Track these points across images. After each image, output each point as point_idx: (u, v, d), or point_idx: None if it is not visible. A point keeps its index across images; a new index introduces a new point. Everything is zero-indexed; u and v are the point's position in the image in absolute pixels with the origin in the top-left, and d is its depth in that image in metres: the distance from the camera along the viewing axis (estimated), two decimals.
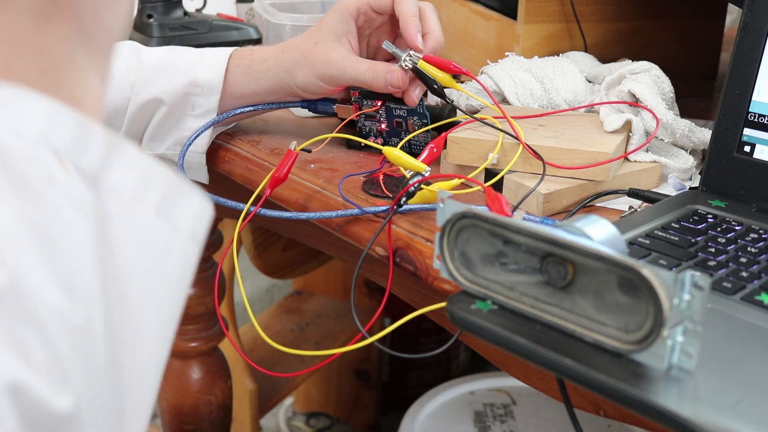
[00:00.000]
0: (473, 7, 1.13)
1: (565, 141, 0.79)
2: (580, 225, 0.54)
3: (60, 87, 0.45)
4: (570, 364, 0.51)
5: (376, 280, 0.85)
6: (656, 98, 0.84)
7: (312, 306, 1.84)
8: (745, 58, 0.77)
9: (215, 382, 1.24)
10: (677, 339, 0.49)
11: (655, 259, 0.65)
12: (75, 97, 0.45)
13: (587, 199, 0.78)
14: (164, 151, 0.90)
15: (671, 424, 0.47)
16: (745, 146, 0.77)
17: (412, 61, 0.83)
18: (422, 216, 0.75)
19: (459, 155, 0.81)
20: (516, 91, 0.92)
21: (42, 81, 0.44)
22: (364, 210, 0.76)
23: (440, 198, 0.57)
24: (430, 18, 0.85)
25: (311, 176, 0.84)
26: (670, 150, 0.85)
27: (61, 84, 0.45)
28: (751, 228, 0.71)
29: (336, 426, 1.90)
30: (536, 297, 0.54)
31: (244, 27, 1.13)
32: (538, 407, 1.52)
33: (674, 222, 0.71)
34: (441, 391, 1.56)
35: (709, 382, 0.50)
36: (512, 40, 1.04)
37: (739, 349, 0.55)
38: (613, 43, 1.07)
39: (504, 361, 0.74)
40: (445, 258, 0.58)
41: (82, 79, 0.46)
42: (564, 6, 1.03)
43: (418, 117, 0.87)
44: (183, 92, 0.87)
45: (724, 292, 0.61)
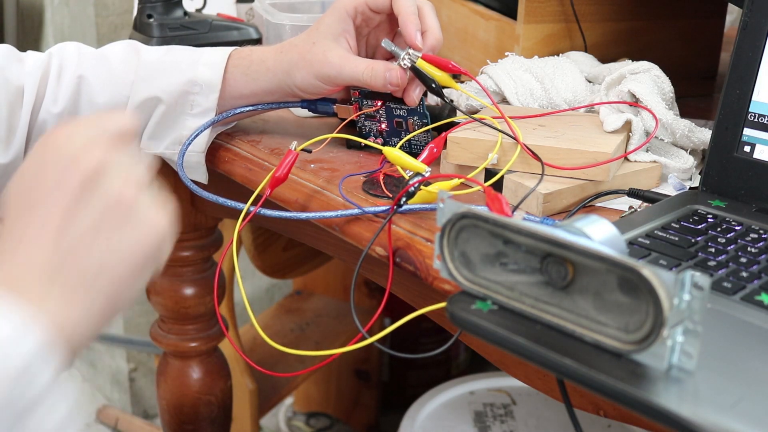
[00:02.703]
0: (473, 7, 1.13)
1: (565, 141, 0.79)
2: (580, 225, 0.54)
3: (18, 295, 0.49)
4: (570, 364, 0.51)
5: (376, 280, 0.85)
6: (656, 98, 0.84)
7: (312, 306, 1.84)
8: (745, 58, 0.77)
9: (215, 382, 1.24)
10: (677, 339, 0.49)
11: (655, 259, 0.65)
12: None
13: (587, 199, 0.78)
14: (163, 150, 0.90)
15: (671, 424, 0.47)
16: (745, 146, 0.77)
17: (411, 59, 0.83)
18: (422, 216, 0.75)
19: (459, 155, 0.81)
20: (516, 91, 0.92)
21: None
22: (364, 210, 0.76)
23: (440, 198, 0.57)
24: (429, 16, 0.85)
25: (311, 176, 0.84)
26: (670, 150, 0.85)
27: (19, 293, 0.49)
28: (751, 228, 0.71)
29: (336, 426, 1.90)
30: (536, 297, 0.54)
31: (244, 27, 1.13)
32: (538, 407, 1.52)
33: (674, 222, 0.71)
34: (441, 391, 1.56)
35: (709, 382, 0.50)
36: (512, 40, 1.04)
37: (739, 349, 0.55)
38: (613, 43, 1.07)
39: (504, 361, 0.74)
40: (445, 258, 0.58)
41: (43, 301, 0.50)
42: (564, 6, 1.03)
43: (418, 117, 0.87)
44: (182, 91, 0.87)
45: (724, 292, 0.61)
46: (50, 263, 0.50)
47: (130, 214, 0.52)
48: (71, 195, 0.51)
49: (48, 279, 0.50)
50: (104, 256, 0.51)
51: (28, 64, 0.86)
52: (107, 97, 0.87)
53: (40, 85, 0.85)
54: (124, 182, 0.52)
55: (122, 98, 0.87)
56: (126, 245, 0.52)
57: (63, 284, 0.50)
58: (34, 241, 0.51)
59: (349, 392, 1.91)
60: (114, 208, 0.52)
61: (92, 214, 0.51)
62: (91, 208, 0.51)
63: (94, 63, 0.88)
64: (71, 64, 0.87)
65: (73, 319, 0.50)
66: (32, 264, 0.50)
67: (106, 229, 0.51)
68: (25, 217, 0.51)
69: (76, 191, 0.51)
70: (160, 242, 0.53)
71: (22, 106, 0.85)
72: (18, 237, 0.51)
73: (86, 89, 0.87)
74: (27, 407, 0.47)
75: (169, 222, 0.54)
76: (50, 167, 0.52)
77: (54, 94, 0.86)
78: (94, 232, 0.51)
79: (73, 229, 0.51)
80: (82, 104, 0.87)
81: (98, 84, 0.87)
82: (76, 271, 0.51)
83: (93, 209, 0.51)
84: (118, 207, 0.52)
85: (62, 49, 0.88)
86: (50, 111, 0.86)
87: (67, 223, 0.51)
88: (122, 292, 0.52)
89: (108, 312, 0.52)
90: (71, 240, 0.51)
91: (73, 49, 0.88)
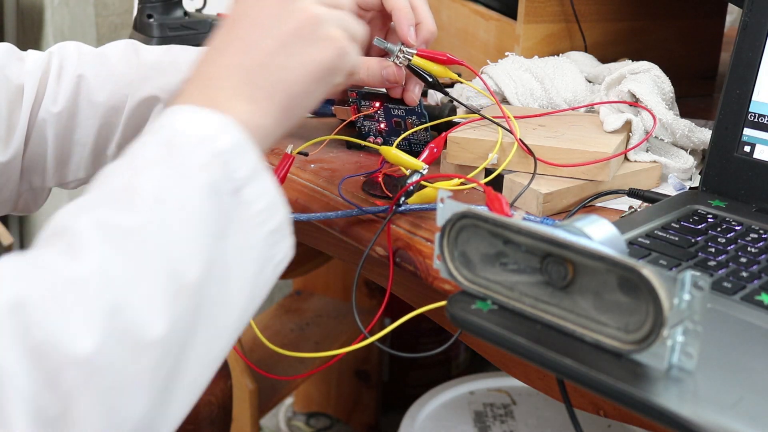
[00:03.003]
0: (473, 7, 1.13)
1: (565, 141, 0.79)
2: (580, 225, 0.54)
3: (214, 105, 0.58)
4: (570, 364, 0.51)
5: (376, 280, 0.85)
6: (656, 98, 0.84)
7: (312, 306, 1.84)
8: (745, 58, 0.77)
9: (215, 382, 1.24)
10: (677, 339, 0.49)
11: (655, 259, 0.65)
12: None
13: (587, 199, 0.78)
14: None
15: (671, 424, 0.47)
16: (745, 146, 0.77)
17: (406, 57, 0.82)
18: (422, 216, 0.75)
19: (459, 155, 0.81)
20: (516, 91, 0.92)
21: (199, 98, 0.59)
22: (364, 210, 0.76)
23: (440, 198, 0.57)
24: (421, 8, 0.84)
25: (311, 176, 0.84)
26: (670, 150, 0.85)
27: (215, 104, 0.58)
28: (751, 228, 0.71)
29: (336, 426, 1.90)
30: (536, 297, 0.54)
31: None
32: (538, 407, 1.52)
33: (674, 222, 0.71)
34: (441, 391, 1.56)
35: (709, 382, 0.50)
36: (512, 40, 1.04)
37: (739, 349, 0.55)
38: (613, 43, 1.07)
39: (504, 361, 0.74)
40: (445, 258, 0.58)
41: (232, 106, 0.59)
42: (564, 6, 1.03)
43: (416, 117, 0.87)
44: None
45: (724, 292, 0.61)
46: (242, 69, 0.60)
47: (315, 31, 0.61)
48: (266, 11, 0.62)
49: (238, 83, 0.60)
50: (286, 70, 0.61)
51: (28, 63, 0.86)
52: (106, 96, 0.87)
53: (40, 84, 0.85)
54: (315, 5, 0.62)
55: (121, 97, 0.87)
56: (307, 60, 0.61)
57: (251, 90, 0.60)
58: (231, 49, 0.61)
59: (349, 392, 1.91)
60: (302, 25, 0.61)
61: (283, 29, 0.61)
62: (282, 24, 0.61)
63: (94, 62, 0.88)
64: (71, 64, 0.87)
65: (256, 123, 0.59)
66: (227, 68, 0.60)
67: (291, 44, 0.61)
68: (228, 28, 0.63)
69: (273, 8, 0.62)
70: (339, 60, 0.62)
71: (21, 105, 0.85)
72: (219, 45, 0.62)
73: (85, 88, 0.87)
74: (238, 187, 0.55)
75: (351, 41, 0.63)
76: None
77: (54, 94, 0.86)
78: (281, 47, 0.61)
79: (264, 42, 0.61)
80: (82, 103, 0.87)
81: (97, 83, 0.87)
82: (262, 80, 0.60)
83: (284, 26, 0.61)
84: (306, 24, 0.61)
85: (62, 48, 0.88)
86: (50, 110, 0.86)
87: (260, 36, 0.61)
88: (298, 103, 0.62)
89: (284, 120, 0.61)
90: (261, 52, 0.60)
91: (73, 49, 0.88)
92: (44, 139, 0.86)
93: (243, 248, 0.56)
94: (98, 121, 0.87)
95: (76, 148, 0.88)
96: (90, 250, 0.50)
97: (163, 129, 0.57)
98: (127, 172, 0.54)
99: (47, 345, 0.46)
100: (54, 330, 0.47)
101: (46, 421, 0.46)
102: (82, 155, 0.88)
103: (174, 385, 0.51)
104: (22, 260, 0.50)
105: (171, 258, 0.51)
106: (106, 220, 0.51)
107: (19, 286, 0.48)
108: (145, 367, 0.49)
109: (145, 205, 0.52)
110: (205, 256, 0.53)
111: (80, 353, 0.46)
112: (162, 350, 0.50)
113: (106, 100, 0.87)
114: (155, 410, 0.50)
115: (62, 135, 0.87)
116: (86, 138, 0.88)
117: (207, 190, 0.54)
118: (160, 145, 0.55)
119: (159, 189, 0.53)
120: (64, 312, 0.47)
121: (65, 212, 0.53)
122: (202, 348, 0.53)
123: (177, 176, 0.54)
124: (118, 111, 0.87)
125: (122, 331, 0.48)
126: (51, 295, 0.48)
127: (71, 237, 0.50)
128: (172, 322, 0.50)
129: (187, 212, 0.53)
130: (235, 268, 0.55)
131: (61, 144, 0.87)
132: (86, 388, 0.47)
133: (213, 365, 0.55)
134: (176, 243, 0.52)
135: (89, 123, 0.87)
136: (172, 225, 0.52)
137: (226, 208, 0.55)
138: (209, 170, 0.54)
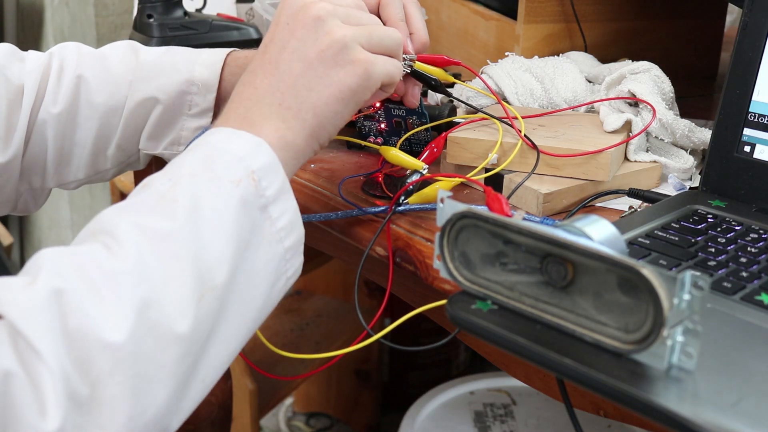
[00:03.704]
0: (473, 7, 1.13)
1: (565, 141, 0.79)
2: (580, 225, 0.54)
3: (249, 127, 0.63)
4: (570, 364, 0.51)
5: (376, 280, 0.85)
6: (656, 98, 0.84)
7: (312, 306, 1.84)
8: (745, 58, 0.77)
9: None
10: (677, 339, 0.49)
11: (655, 259, 0.65)
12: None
13: (587, 199, 0.78)
14: (162, 150, 0.89)
15: (671, 424, 0.47)
16: (745, 146, 0.77)
17: (408, 64, 0.83)
18: (422, 216, 0.75)
19: (459, 155, 0.81)
20: (516, 91, 0.92)
21: (236, 119, 0.64)
22: (364, 210, 0.76)
23: (440, 198, 0.57)
24: (414, 17, 0.84)
25: (311, 176, 0.84)
26: (670, 150, 0.85)
27: (249, 125, 0.63)
28: (751, 228, 0.71)
29: (336, 426, 1.90)
30: (536, 297, 0.54)
31: (244, 27, 1.13)
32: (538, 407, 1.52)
33: (674, 222, 0.71)
34: (441, 391, 1.56)
35: (709, 382, 0.50)
36: (512, 40, 1.04)
37: (739, 349, 0.55)
38: (613, 43, 1.07)
39: (504, 361, 0.74)
40: (445, 258, 0.58)
41: (265, 126, 0.64)
42: (564, 6, 1.03)
43: (417, 117, 0.87)
44: (179, 91, 0.87)
45: (724, 292, 0.61)
46: (274, 91, 0.64)
47: (340, 54, 0.65)
48: (296, 36, 0.65)
49: (271, 104, 0.64)
50: (313, 92, 0.65)
51: (28, 64, 0.86)
52: (105, 97, 0.87)
53: (41, 85, 0.86)
54: (342, 28, 0.65)
55: (120, 98, 0.87)
56: (332, 83, 0.65)
57: (282, 111, 0.64)
58: (264, 72, 0.65)
59: (349, 392, 1.91)
60: (326, 48, 0.65)
61: (309, 53, 0.65)
62: (309, 48, 0.65)
63: (93, 63, 0.88)
64: (71, 65, 0.87)
65: (287, 141, 0.64)
66: (261, 90, 0.65)
67: (316, 67, 0.65)
68: (262, 52, 0.67)
69: (300, 32, 0.65)
70: (363, 81, 0.66)
71: (21, 106, 0.85)
72: (253, 68, 0.66)
73: (85, 89, 0.87)
74: (266, 204, 0.60)
75: (378, 58, 0.67)
76: (284, 11, 0.67)
77: (54, 94, 0.86)
78: (308, 70, 0.65)
79: (293, 65, 0.65)
80: (81, 104, 0.87)
81: (96, 84, 0.87)
82: (291, 102, 0.64)
83: (311, 49, 0.65)
84: (330, 48, 0.65)
85: (63, 49, 0.89)
86: (50, 111, 0.86)
87: (289, 59, 0.65)
88: (327, 123, 0.66)
89: (314, 140, 0.66)
90: (291, 75, 0.65)
91: (73, 49, 0.89)
92: (44, 139, 0.86)
93: (264, 260, 0.61)
94: (97, 122, 0.87)
95: (75, 148, 0.88)
96: (128, 248, 0.54)
97: (202, 146, 0.62)
98: (168, 182, 0.59)
99: (82, 331, 0.50)
100: (89, 317, 0.50)
101: (77, 403, 0.49)
102: (81, 156, 0.89)
103: (191, 380, 0.55)
104: (64, 252, 0.54)
105: (201, 262, 0.56)
106: (145, 224, 0.55)
107: (60, 276, 0.51)
108: (170, 359, 0.53)
109: (181, 212, 0.57)
110: (231, 264, 0.57)
111: (112, 340, 0.50)
112: (186, 345, 0.54)
113: (105, 100, 0.87)
114: (174, 401, 0.54)
115: (62, 135, 0.87)
116: (86, 138, 0.88)
117: (239, 203, 0.59)
118: (199, 161, 0.60)
119: (195, 199, 0.58)
120: (99, 302, 0.51)
121: (107, 214, 0.57)
122: (219, 347, 0.57)
123: (212, 189, 0.58)
124: (117, 112, 0.87)
125: (152, 324, 0.52)
126: (89, 286, 0.52)
127: (112, 236, 0.55)
128: (197, 321, 0.55)
129: (219, 222, 0.58)
130: (255, 277, 0.60)
131: (60, 144, 0.87)
132: (116, 373, 0.50)
133: (224, 366, 0.59)
134: (207, 249, 0.57)
135: (89, 124, 0.87)
136: (204, 232, 0.57)
137: (254, 221, 0.60)
138: (242, 186, 0.59)
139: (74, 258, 0.53)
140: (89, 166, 0.89)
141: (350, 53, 0.65)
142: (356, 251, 0.78)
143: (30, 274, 0.52)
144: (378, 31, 0.68)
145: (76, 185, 0.92)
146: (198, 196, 0.58)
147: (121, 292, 0.52)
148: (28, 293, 0.50)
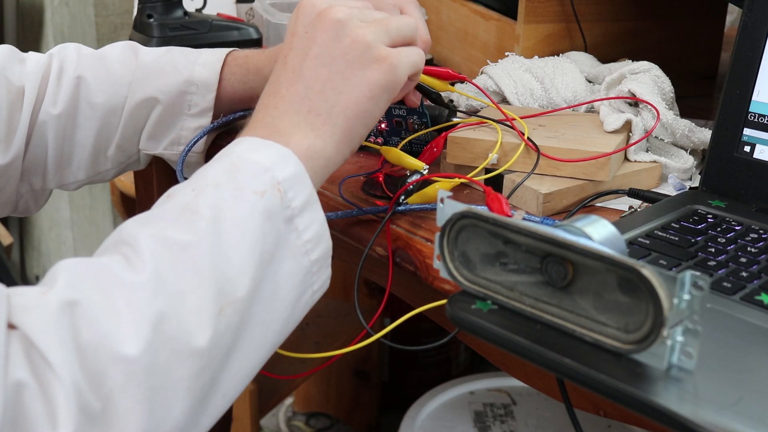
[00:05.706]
0: (473, 7, 1.13)
1: (565, 141, 0.79)
2: (580, 225, 0.54)
3: (276, 136, 0.62)
4: (570, 364, 0.51)
5: (376, 280, 0.85)
6: (656, 98, 0.84)
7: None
8: (745, 58, 0.77)
9: None
10: (677, 339, 0.49)
11: (655, 259, 0.65)
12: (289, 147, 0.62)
13: (587, 199, 0.78)
14: (162, 150, 0.89)
15: (671, 424, 0.47)
16: (745, 146, 0.77)
17: None
18: (422, 216, 0.75)
19: (459, 155, 0.81)
20: (516, 91, 0.92)
21: (263, 129, 0.63)
22: (364, 210, 0.76)
23: (440, 198, 0.57)
24: (415, 17, 0.84)
25: None
26: (670, 150, 0.85)
27: (277, 135, 0.62)
28: (751, 228, 0.71)
29: (336, 426, 1.90)
30: (536, 297, 0.54)
31: (244, 27, 1.13)
32: (538, 407, 1.52)
33: (674, 222, 0.71)
34: (441, 391, 1.56)
35: (709, 382, 0.50)
36: (512, 40, 1.04)
37: (739, 349, 0.55)
38: (613, 43, 1.07)
39: (504, 361, 0.74)
40: (445, 258, 0.58)
41: (294, 135, 0.63)
42: (564, 6, 1.03)
43: (417, 116, 0.87)
44: (179, 91, 0.87)
45: (724, 292, 0.61)
46: (301, 98, 0.64)
47: (364, 53, 0.64)
48: (317, 42, 0.65)
49: (299, 112, 0.63)
50: (341, 94, 0.64)
51: (29, 65, 0.86)
52: (105, 98, 0.87)
53: (41, 86, 0.86)
54: (361, 27, 0.65)
55: (120, 98, 0.87)
56: (360, 82, 0.64)
57: (311, 118, 0.63)
58: (288, 81, 0.65)
59: (349, 392, 1.91)
60: (349, 50, 0.64)
61: (333, 56, 0.64)
62: (332, 52, 0.64)
63: (93, 63, 0.88)
64: (71, 65, 0.87)
65: (317, 150, 0.63)
66: (287, 98, 0.64)
67: (342, 70, 0.64)
68: (283, 62, 0.66)
69: (321, 37, 0.65)
70: (390, 76, 0.65)
71: (22, 107, 0.85)
72: (276, 79, 0.66)
73: (84, 90, 0.87)
74: (291, 215, 0.59)
75: (400, 58, 0.65)
76: (300, 20, 0.66)
77: (54, 95, 0.86)
78: (334, 73, 0.64)
79: (318, 71, 0.64)
80: (81, 105, 0.87)
81: (96, 84, 0.87)
82: (320, 107, 0.63)
83: (334, 52, 0.64)
84: (353, 49, 0.64)
85: (63, 50, 0.89)
86: (50, 112, 0.86)
87: (313, 65, 0.64)
88: (358, 124, 0.65)
89: (345, 145, 0.65)
90: (317, 81, 0.64)
91: (73, 50, 0.89)
92: (44, 140, 0.86)
93: (289, 273, 0.59)
94: (97, 123, 0.87)
95: (76, 149, 0.88)
96: (146, 260, 0.53)
97: (228, 156, 0.61)
98: (191, 192, 0.58)
99: (95, 343, 0.49)
100: (103, 330, 0.49)
101: (89, 416, 0.48)
102: (82, 157, 0.89)
103: (211, 395, 0.54)
104: (82, 263, 0.53)
105: (221, 274, 0.55)
106: (165, 235, 0.54)
107: (75, 287, 0.50)
108: (187, 374, 0.52)
109: (203, 224, 0.56)
110: (254, 276, 0.56)
111: (126, 353, 0.49)
112: (204, 359, 0.53)
113: (104, 101, 0.87)
114: (192, 416, 0.53)
115: (62, 136, 0.87)
116: (86, 139, 0.88)
117: (263, 215, 0.58)
118: (224, 171, 0.59)
119: (217, 210, 0.57)
120: (114, 314, 0.50)
121: (129, 224, 0.56)
122: (239, 363, 0.56)
123: (235, 199, 0.57)
124: (117, 112, 0.87)
125: (168, 338, 0.51)
126: (104, 298, 0.50)
127: (131, 247, 0.54)
128: (217, 335, 0.53)
129: (241, 233, 0.56)
130: (279, 291, 0.59)
131: (61, 145, 0.87)
132: (129, 387, 0.49)
133: (245, 381, 0.58)
134: (228, 261, 0.55)
135: (89, 124, 0.87)
136: (226, 244, 0.56)
137: (279, 234, 0.59)
138: (266, 197, 0.58)
139: (91, 269, 0.53)
140: (89, 166, 0.89)
141: (374, 51, 0.65)
142: (356, 251, 0.78)
143: (47, 284, 0.51)
144: (393, 22, 0.68)
145: (77, 186, 0.92)
146: (220, 208, 0.57)
147: (137, 305, 0.51)
148: (43, 304, 0.49)
